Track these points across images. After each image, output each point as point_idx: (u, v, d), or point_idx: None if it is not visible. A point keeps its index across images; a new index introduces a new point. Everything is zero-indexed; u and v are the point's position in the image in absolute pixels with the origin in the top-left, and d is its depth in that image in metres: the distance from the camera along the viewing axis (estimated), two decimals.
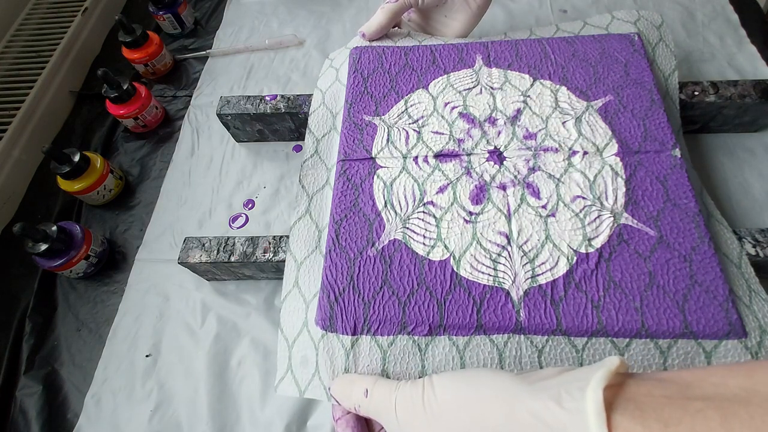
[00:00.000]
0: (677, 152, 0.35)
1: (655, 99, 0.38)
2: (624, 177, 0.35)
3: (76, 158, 0.44)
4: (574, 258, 0.32)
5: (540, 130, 0.38)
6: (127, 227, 0.47)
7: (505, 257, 0.32)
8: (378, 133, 0.39)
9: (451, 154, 0.37)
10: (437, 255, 0.33)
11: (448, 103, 0.40)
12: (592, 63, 0.41)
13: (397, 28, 0.47)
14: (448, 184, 0.36)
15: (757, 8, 0.56)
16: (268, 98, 0.46)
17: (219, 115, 0.46)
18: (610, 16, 0.45)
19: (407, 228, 0.34)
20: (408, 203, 0.35)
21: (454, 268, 0.32)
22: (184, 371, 0.38)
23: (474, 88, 0.41)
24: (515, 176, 0.36)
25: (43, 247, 0.40)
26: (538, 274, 0.31)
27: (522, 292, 0.31)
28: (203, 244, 0.38)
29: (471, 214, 0.34)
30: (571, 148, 0.36)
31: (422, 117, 0.40)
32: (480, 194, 0.35)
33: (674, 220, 0.33)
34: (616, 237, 0.32)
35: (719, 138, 0.45)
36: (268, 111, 0.45)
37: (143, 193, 0.50)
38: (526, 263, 0.32)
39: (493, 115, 0.39)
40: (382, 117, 0.40)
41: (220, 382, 0.37)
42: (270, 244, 0.38)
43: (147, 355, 0.39)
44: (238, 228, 0.45)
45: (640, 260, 0.31)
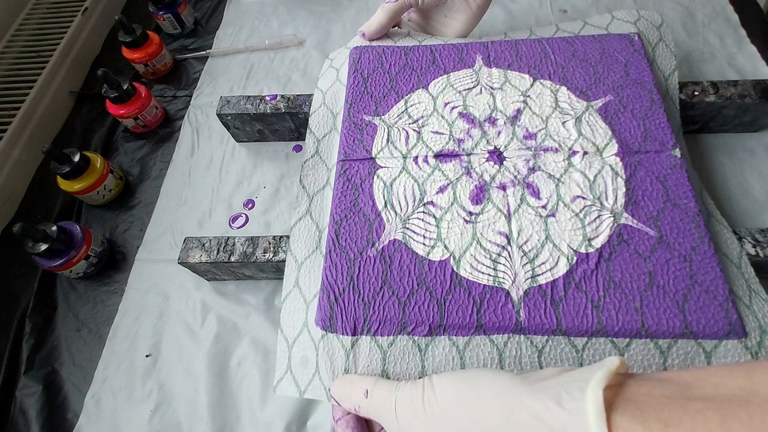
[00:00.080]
0: (677, 152, 0.35)
1: (655, 99, 0.38)
2: (624, 177, 0.35)
3: (76, 158, 0.44)
4: (574, 258, 0.32)
5: (540, 130, 0.38)
6: (127, 227, 0.48)
7: (505, 257, 0.32)
8: (378, 133, 0.39)
9: (451, 154, 0.37)
10: (437, 255, 0.33)
11: (448, 103, 0.40)
12: (592, 63, 0.41)
13: (397, 28, 0.47)
14: (448, 184, 0.36)
15: (757, 8, 0.56)
16: (268, 98, 0.46)
17: (219, 115, 0.46)
18: (610, 16, 0.45)
19: (407, 228, 0.34)
20: (408, 203, 0.35)
21: (454, 268, 0.32)
22: (184, 371, 0.38)
23: (474, 88, 0.41)
24: (515, 176, 0.36)
25: (43, 247, 0.40)
26: (538, 274, 0.31)
27: (522, 292, 0.31)
28: (203, 244, 0.38)
29: (471, 214, 0.34)
30: (571, 148, 0.36)
31: (422, 117, 0.39)
32: (480, 194, 0.35)
33: (674, 220, 0.33)
34: (616, 237, 0.32)
35: (719, 138, 0.45)
36: (268, 111, 0.45)
37: (143, 193, 0.50)
38: (526, 263, 0.32)
39: (493, 115, 0.39)
40: (382, 117, 0.40)
41: (220, 382, 0.37)
42: (270, 244, 0.38)
43: (147, 355, 0.39)
44: (238, 228, 0.45)
45: (640, 260, 0.31)
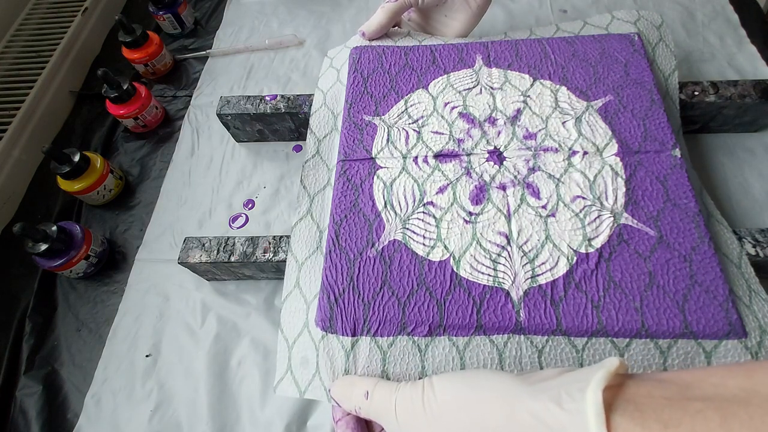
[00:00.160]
0: (677, 152, 0.35)
1: (655, 99, 0.38)
2: (624, 177, 0.35)
3: (76, 158, 0.44)
4: (574, 258, 0.32)
5: (540, 130, 0.38)
6: (127, 227, 0.47)
7: (505, 257, 0.32)
8: (378, 133, 0.39)
9: (451, 155, 0.37)
10: (437, 255, 0.33)
11: (448, 103, 0.40)
12: (592, 63, 0.41)
13: (397, 28, 0.47)
14: (448, 185, 0.36)
15: (757, 8, 0.56)
16: (268, 98, 0.46)
17: (219, 115, 0.46)
18: (610, 16, 0.45)
19: (407, 228, 0.34)
20: (408, 204, 0.35)
21: (454, 269, 0.32)
22: (184, 371, 0.38)
23: (474, 88, 0.41)
24: (515, 176, 0.36)
25: (43, 247, 0.40)
26: (538, 274, 0.31)
27: (522, 293, 0.31)
28: (203, 244, 0.38)
29: (471, 214, 0.34)
30: (571, 148, 0.36)
31: (422, 117, 0.39)
32: (480, 194, 0.35)
33: (674, 220, 0.33)
34: (616, 237, 0.32)
35: (719, 138, 0.45)
36: (268, 111, 0.45)
37: (143, 193, 0.50)
38: (526, 263, 0.32)
39: (493, 115, 0.39)
40: (382, 117, 0.40)
41: (220, 382, 0.37)
42: (270, 244, 0.38)
43: (147, 355, 0.39)
44: (238, 228, 0.45)
45: (640, 260, 0.31)
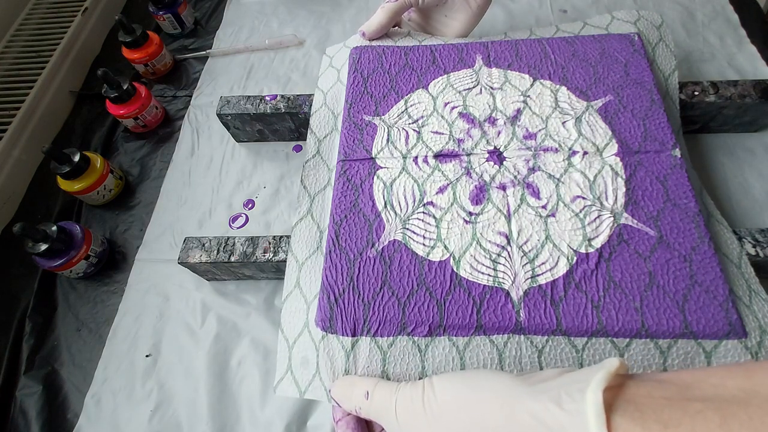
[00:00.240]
0: (677, 152, 0.35)
1: (655, 99, 0.38)
2: (624, 177, 0.35)
3: (76, 158, 0.44)
4: (574, 258, 0.32)
5: (540, 130, 0.38)
6: (127, 227, 0.47)
7: (505, 257, 0.32)
8: (378, 133, 0.39)
9: (451, 155, 0.37)
10: (437, 255, 0.33)
11: (448, 103, 0.40)
12: (592, 63, 0.41)
13: (397, 28, 0.47)
14: (448, 185, 0.36)
15: (757, 8, 0.56)
16: (268, 98, 0.46)
17: (219, 115, 0.46)
18: (610, 16, 0.45)
19: (407, 229, 0.34)
20: (408, 204, 0.35)
21: (454, 269, 0.32)
22: (184, 371, 0.38)
23: (474, 88, 0.41)
24: (515, 176, 0.36)
25: (43, 247, 0.40)
26: (538, 274, 0.31)
27: (522, 293, 0.31)
28: (203, 244, 0.38)
29: (471, 214, 0.34)
30: (571, 148, 0.36)
31: (422, 117, 0.39)
32: (480, 194, 0.35)
33: (674, 220, 0.33)
34: (616, 237, 0.32)
35: (719, 138, 0.45)
36: (268, 111, 0.45)
37: (143, 193, 0.50)
38: (526, 263, 0.32)
39: (493, 115, 0.39)
40: (382, 117, 0.40)
41: (220, 382, 0.37)
42: (270, 244, 0.38)
43: (147, 355, 0.39)
44: (238, 228, 0.45)
45: (640, 260, 0.31)
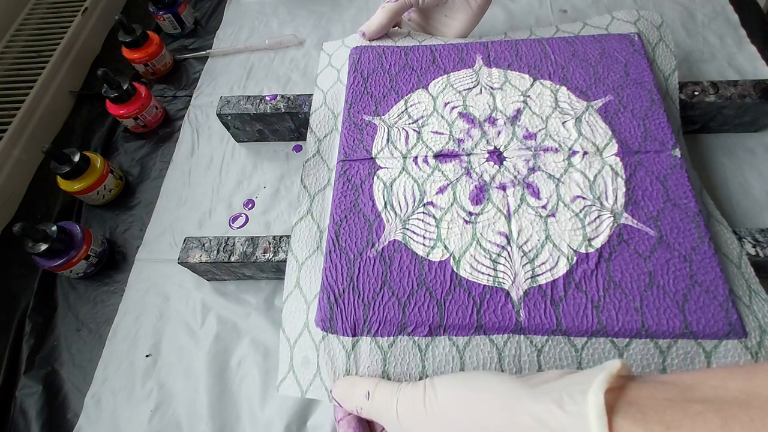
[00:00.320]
0: (677, 152, 0.35)
1: (655, 99, 0.38)
2: (624, 177, 0.35)
3: (76, 158, 0.44)
4: (574, 258, 0.32)
5: (540, 130, 0.38)
6: (127, 227, 0.47)
7: (505, 257, 0.32)
8: (378, 133, 0.39)
9: (451, 155, 0.37)
10: (437, 255, 0.33)
11: (448, 103, 0.40)
12: (592, 63, 0.41)
13: (397, 28, 0.47)
14: (448, 185, 0.36)
15: (757, 8, 0.56)
16: (268, 98, 0.46)
17: (219, 115, 0.46)
18: (610, 16, 0.45)
19: (407, 229, 0.34)
20: (408, 204, 0.35)
21: (454, 269, 0.32)
22: (184, 371, 0.38)
23: (474, 88, 0.41)
24: (515, 176, 0.36)
25: (43, 247, 0.40)
26: (538, 274, 0.31)
27: (522, 292, 0.31)
28: (203, 244, 0.38)
29: (471, 214, 0.34)
30: (571, 148, 0.36)
31: (422, 117, 0.39)
32: (480, 194, 0.35)
33: (674, 220, 0.33)
34: (616, 237, 0.32)
35: (719, 138, 0.45)
36: (268, 111, 0.45)
37: (143, 193, 0.50)
38: (526, 263, 0.32)
39: (493, 115, 0.39)
40: (382, 117, 0.40)
41: (220, 382, 0.37)
42: (270, 244, 0.38)
43: (147, 355, 0.39)
44: (238, 228, 0.45)
45: (640, 260, 0.31)
